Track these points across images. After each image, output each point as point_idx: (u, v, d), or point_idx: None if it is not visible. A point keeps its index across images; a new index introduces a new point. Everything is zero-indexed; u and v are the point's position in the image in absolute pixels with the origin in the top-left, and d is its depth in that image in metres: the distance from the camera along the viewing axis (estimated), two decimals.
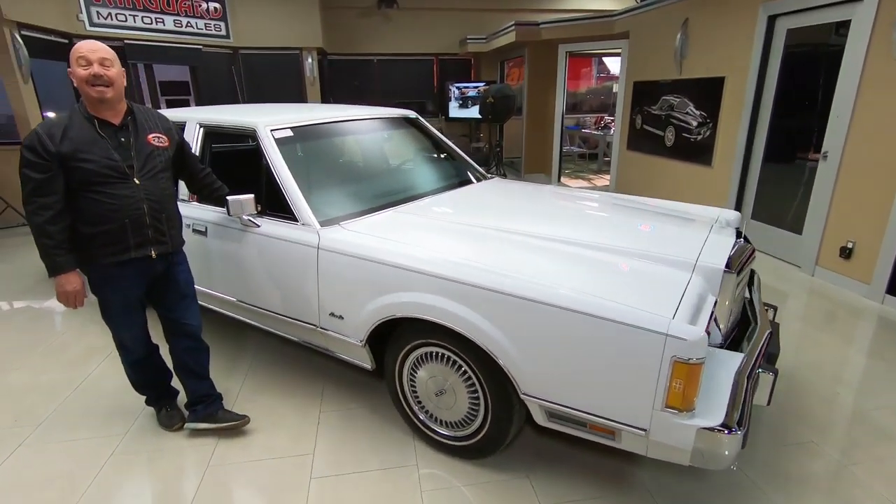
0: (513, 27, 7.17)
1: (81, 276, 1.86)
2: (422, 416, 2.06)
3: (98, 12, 6.20)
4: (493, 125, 8.44)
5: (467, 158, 3.30)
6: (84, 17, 6.11)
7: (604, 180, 8.04)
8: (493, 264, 1.73)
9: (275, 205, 2.27)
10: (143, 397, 2.24)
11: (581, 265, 1.75)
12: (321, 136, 2.60)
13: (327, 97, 8.89)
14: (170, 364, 2.20)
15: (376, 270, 1.90)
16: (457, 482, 1.88)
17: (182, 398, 2.24)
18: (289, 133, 2.42)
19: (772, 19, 4.17)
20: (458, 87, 9.07)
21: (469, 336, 1.71)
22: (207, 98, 7.59)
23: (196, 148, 2.60)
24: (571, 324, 1.53)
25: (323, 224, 2.14)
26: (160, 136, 1.96)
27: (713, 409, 1.50)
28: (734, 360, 1.73)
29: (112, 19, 6.35)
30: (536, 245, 1.90)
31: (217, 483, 1.90)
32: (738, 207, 4.67)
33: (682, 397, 1.43)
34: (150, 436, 2.16)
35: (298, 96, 8.26)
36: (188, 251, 2.48)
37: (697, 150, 5.12)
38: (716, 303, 1.72)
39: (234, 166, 2.71)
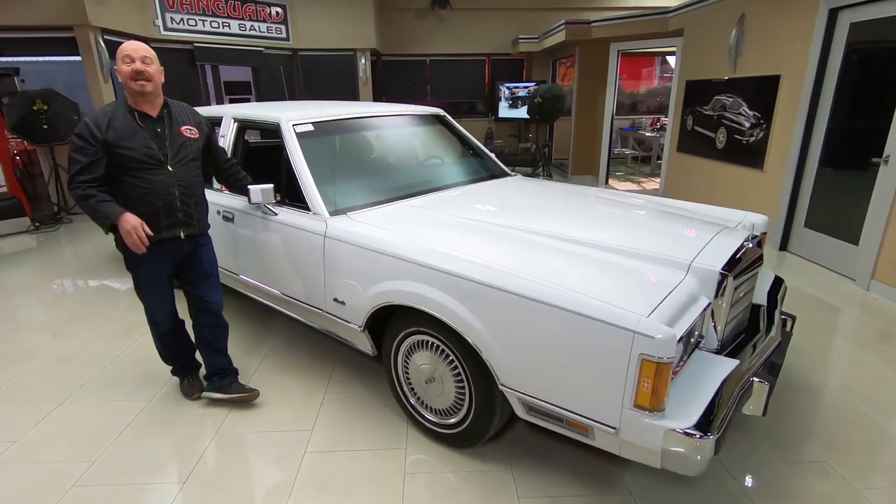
0: (563, 26, 7.07)
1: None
2: (412, 401, 2.13)
3: (171, 18, 6.74)
4: (543, 125, 8.37)
5: (492, 157, 3.32)
6: (159, 22, 6.65)
7: (654, 183, 7.74)
8: (478, 255, 1.76)
9: (293, 195, 2.41)
10: (170, 367, 2.44)
11: (569, 260, 1.75)
12: (342, 131, 2.73)
13: (379, 97, 9.14)
14: (194, 339, 2.39)
15: (371, 258, 1.98)
16: (442, 468, 1.93)
17: (204, 371, 2.43)
18: (310, 128, 2.55)
19: (833, 12, 3.88)
20: (507, 87, 9.05)
21: (450, 324, 1.75)
22: (267, 97, 8.03)
23: (230, 140, 2.80)
24: (544, 316, 1.54)
25: (332, 214, 2.25)
26: (192, 128, 2.15)
27: (688, 412, 1.46)
28: (726, 365, 1.67)
29: (184, 24, 6.88)
30: (529, 239, 1.92)
31: (222, 448, 2.06)
32: (791, 214, 4.38)
33: (651, 397, 1.40)
34: (172, 402, 2.36)
35: (352, 96, 8.56)
36: (220, 236, 2.69)
37: (749, 153, 4.84)
38: (708, 306, 1.67)
39: (263, 158, 2.89)
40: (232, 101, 7.97)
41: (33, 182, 5.89)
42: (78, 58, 5.68)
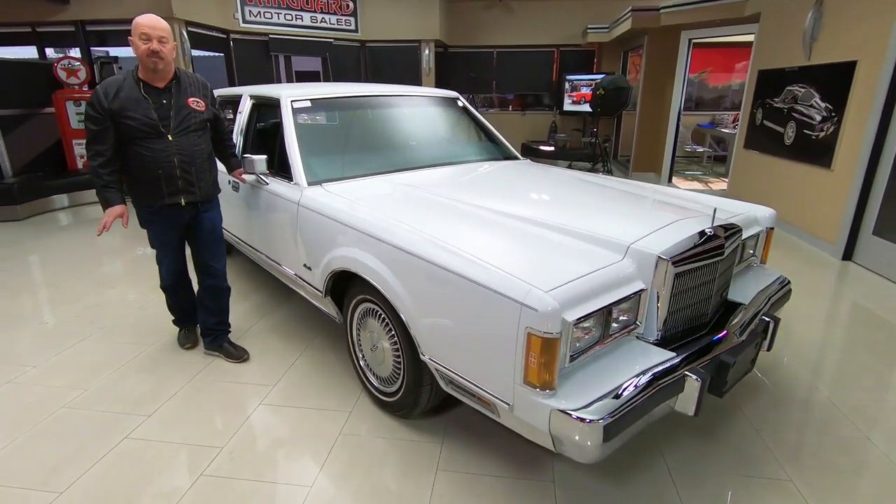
0: (629, 14, 6.71)
1: (126, 207, 2.22)
2: (362, 364, 2.19)
3: (250, 10, 7.28)
4: (609, 118, 8.02)
5: (503, 141, 3.27)
6: (239, 15, 7.22)
7: (724, 184, 7.12)
8: (409, 222, 1.77)
9: (285, 166, 2.55)
10: (172, 317, 2.69)
11: (502, 234, 1.72)
12: (339, 109, 2.84)
13: (443, 88, 9.23)
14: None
15: (326, 224, 2.06)
16: (376, 434, 1.97)
17: None
18: (307, 104, 2.68)
19: None
20: (569, 80, 8.77)
21: (377, 286, 1.79)
22: None
23: (245, 115, 3.01)
24: (448, 283, 1.53)
25: (310, 184, 2.36)
26: (199, 100, 2.30)
27: (584, 395, 1.38)
28: (656, 356, 1.55)
29: (260, 17, 7.41)
30: (475, 214, 1.90)
31: (191, 393, 2.25)
32: (858, 219, 3.85)
33: (539, 373, 1.35)
34: (167, 350, 2.61)
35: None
36: (229, 204, 2.89)
37: (817, 150, 4.32)
38: (641, 291, 1.56)
39: (270, 133, 3.06)
40: None
41: None
42: None
